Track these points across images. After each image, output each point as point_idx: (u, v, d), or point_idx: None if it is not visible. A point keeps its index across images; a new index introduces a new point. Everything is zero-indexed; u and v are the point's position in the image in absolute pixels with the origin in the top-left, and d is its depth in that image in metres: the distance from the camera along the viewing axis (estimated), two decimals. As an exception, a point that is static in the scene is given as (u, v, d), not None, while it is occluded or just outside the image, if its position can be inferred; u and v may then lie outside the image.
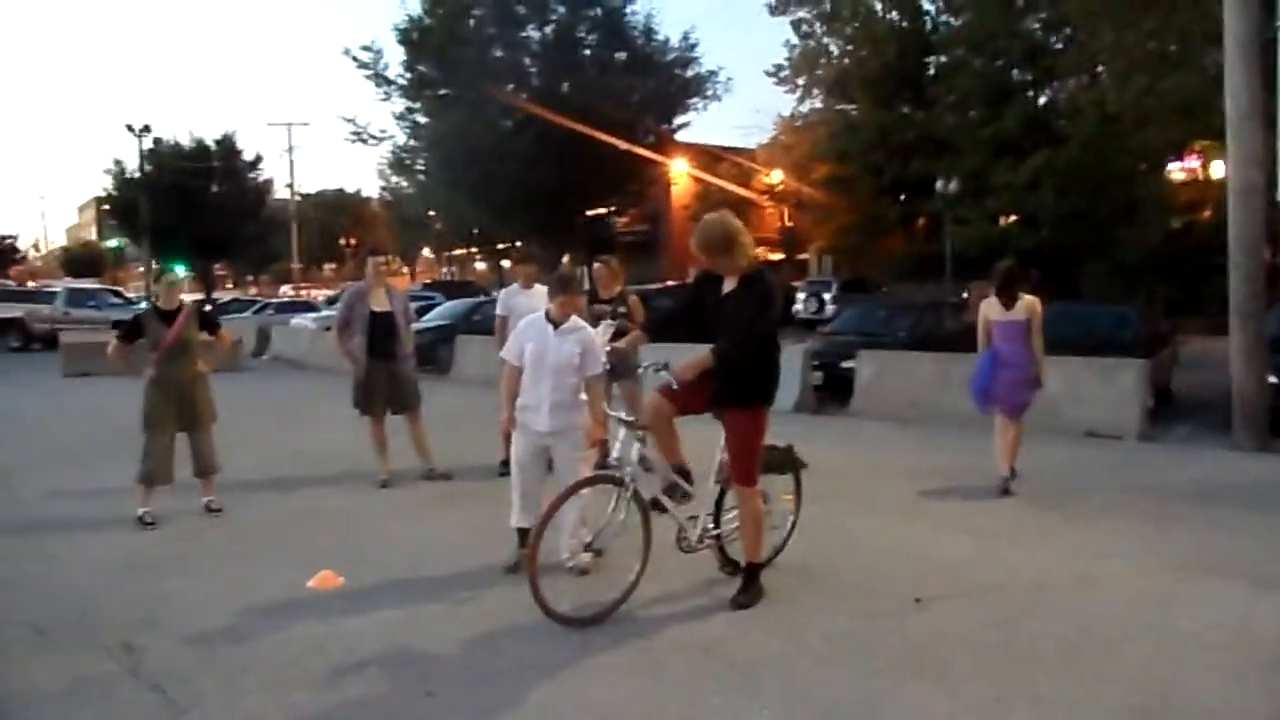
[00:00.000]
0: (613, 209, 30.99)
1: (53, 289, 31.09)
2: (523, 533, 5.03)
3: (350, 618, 4.45)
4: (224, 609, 4.58)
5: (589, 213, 27.81)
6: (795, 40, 33.89)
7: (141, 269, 44.21)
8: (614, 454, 4.72)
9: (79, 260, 67.18)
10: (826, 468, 7.91)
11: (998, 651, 3.97)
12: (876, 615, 4.42)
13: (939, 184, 26.66)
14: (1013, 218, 27.61)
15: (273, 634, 4.27)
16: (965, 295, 21.80)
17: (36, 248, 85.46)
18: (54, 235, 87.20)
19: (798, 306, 28.16)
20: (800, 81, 34.54)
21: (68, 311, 24.58)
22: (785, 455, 7.90)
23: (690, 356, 4.41)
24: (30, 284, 43.33)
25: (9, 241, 79.69)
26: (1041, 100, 29.31)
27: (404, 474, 7.52)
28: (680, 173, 32.55)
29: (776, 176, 37.63)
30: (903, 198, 31.67)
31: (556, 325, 5.03)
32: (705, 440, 4.87)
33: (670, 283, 22.10)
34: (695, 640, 4.14)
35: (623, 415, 4.67)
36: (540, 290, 7.38)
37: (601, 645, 4.10)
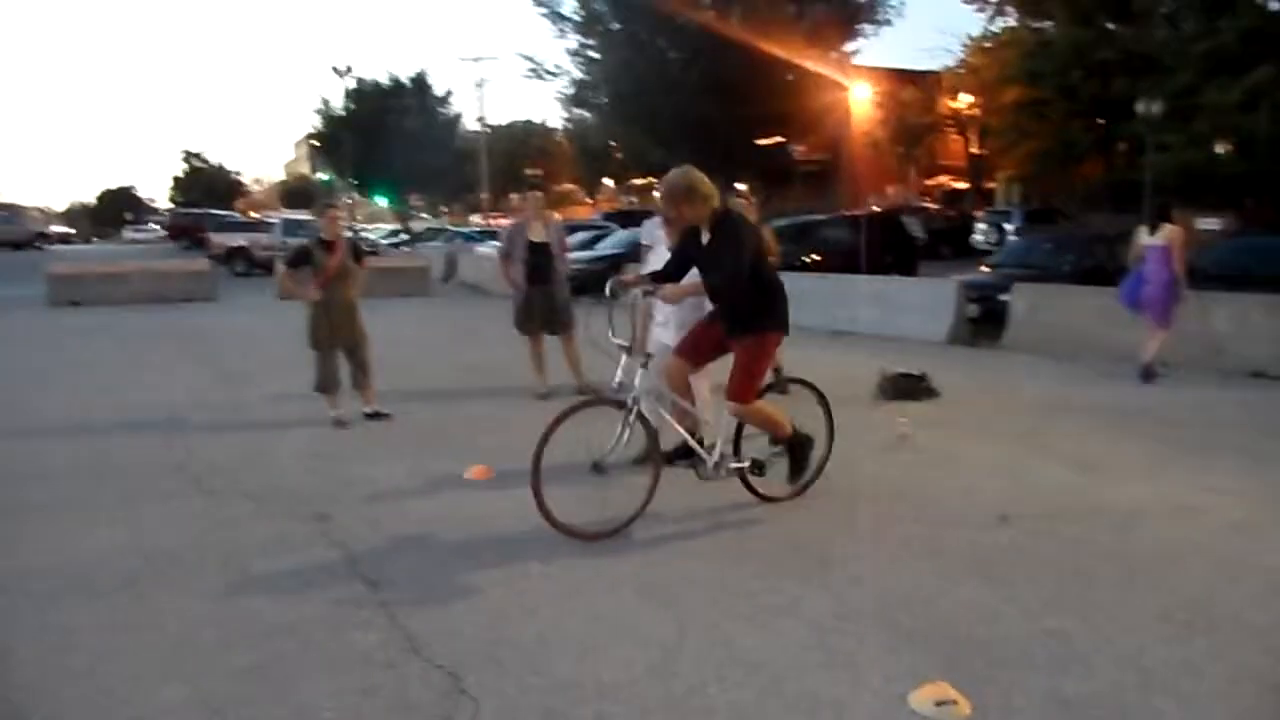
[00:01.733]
0: (786, 139, 30.77)
1: (271, 219, 34.24)
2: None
3: (495, 500, 5.25)
4: (393, 490, 5.51)
5: (761, 142, 27.80)
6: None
7: (349, 200, 47.58)
8: (617, 378, 4.95)
9: (295, 193, 72.87)
10: (959, 396, 8.16)
11: (1063, 565, 4.26)
12: (958, 527, 4.78)
13: (1140, 106, 24.83)
14: (1223, 143, 25.44)
15: (430, 508, 5.13)
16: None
17: (259, 182, 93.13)
18: (275, 170, 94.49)
19: (977, 237, 27.24)
20: None
21: (284, 240, 27.14)
22: (917, 383, 8.18)
23: (678, 285, 4.84)
24: (253, 215, 47.69)
25: (235, 176, 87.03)
26: (1275, 5, 26.44)
27: (561, 389, 8.31)
28: (858, 99, 31.81)
29: (963, 100, 36.04)
30: (1099, 121, 29.74)
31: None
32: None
33: (846, 213, 21.96)
34: (777, 533, 4.68)
35: (622, 342, 4.73)
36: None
37: (698, 531, 4.70)
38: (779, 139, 30.00)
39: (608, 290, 4.76)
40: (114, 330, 13.98)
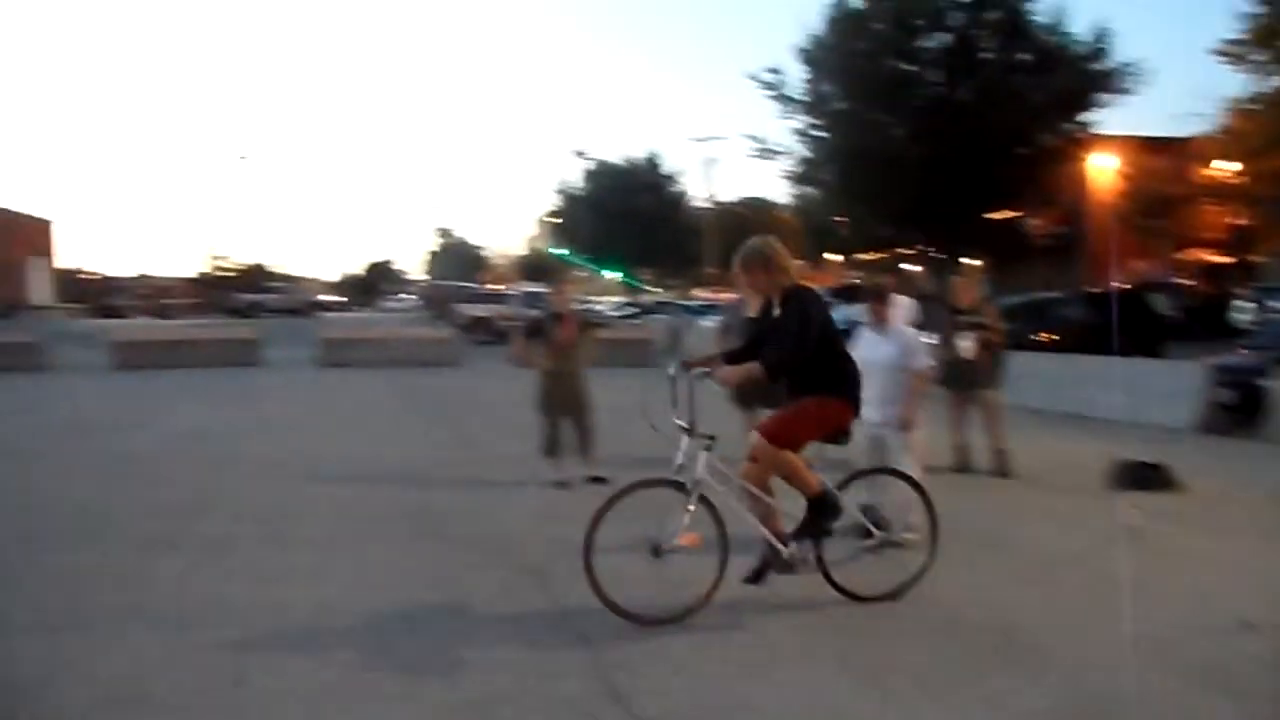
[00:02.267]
0: (1021, 213, 29.58)
1: (511, 292, 36.68)
2: (864, 507, 5.81)
3: (704, 566, 5.40)
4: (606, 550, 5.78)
5: (993, 216, 26.88)
6: (1254, 9, 29.70)
7: (581, 274, 50.20)
8: (677, 460, 4.61)
9: (534, 266, 77.56)
10: (1201, 489, 7.55)
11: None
12: (1192, 632, 4.44)
13: None
14: None
15: (640, 571, 5.35)
16: None
17: (502, 256, 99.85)
18: (517, 245, 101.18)
19: (1235, 315, 24.83)
20: (1259, 57, 30.17)
21: (523, 310, 28.97)
22: (1153, 472, 7.66)
23: (736, 367, 4.63)
24: (494, 287, 51.24)
25: (480, 250, 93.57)
26: None
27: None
28: (1100, 169, 30.10)
29: (1223, 166, 33.21)
30: (1395, 188, 26.50)
31: (876, 329, 5.78)
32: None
33: (1084, 290, 20.73)
34: (989, 619, 4.53)
35: (682, 423, 4.60)
36: (897, 300, 7.91)
37: (905, 613, 4.64)
38: (1012, 213, 28.91)
39: (671, 370, 4.71)
40: (373, 390, 15.44)
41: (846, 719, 3.54)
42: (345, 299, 76.83)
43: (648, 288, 66.64)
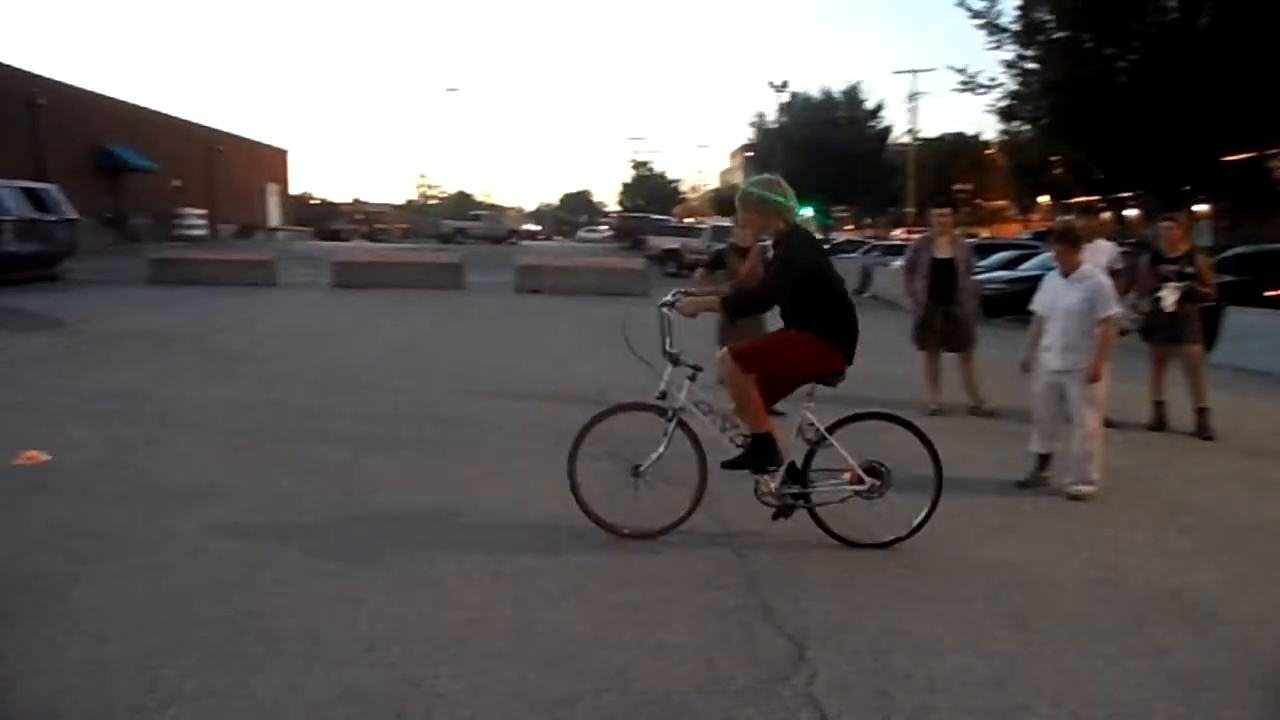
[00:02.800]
0: (1267, 154, 26.64)
1: (702, 225, 36.85)
2: (1040, 457, 5.86)
3: (869, 505, 5.50)
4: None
5: (1232, 158, 24.36)
6: None
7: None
8: (661, 385, 4.79)
9: (726, 200, 77.20)
10: None
11: None
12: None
13: None
14: None
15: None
16: None
17: (695, 190, 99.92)
18: (712, 179, 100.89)
19: None
20: None
21: (710, 245, 29.12)
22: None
23: (695, 298, 4.72)
24: (686, 220, 51.51)
25: (675, 184, 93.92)
26: None
27: (954, 407, 8.28)
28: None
29: None
30: None
31: (1065, 275, 5.58)
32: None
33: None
34: (1155, 575, 4.40)
35: (671, 350, 4.73)
36: (1098, 245, 7.54)
37: (1070, 565, 4.59)
38: (1256, 154, 26.09)
39: (664, 302, 4.77)
40: (566, 315, 16.15)
41: (990, 652, 3.59)
42: (540, 228, 79.37)
43: (842, 226, 65.06)
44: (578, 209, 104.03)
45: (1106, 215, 31.75)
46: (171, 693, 3.16)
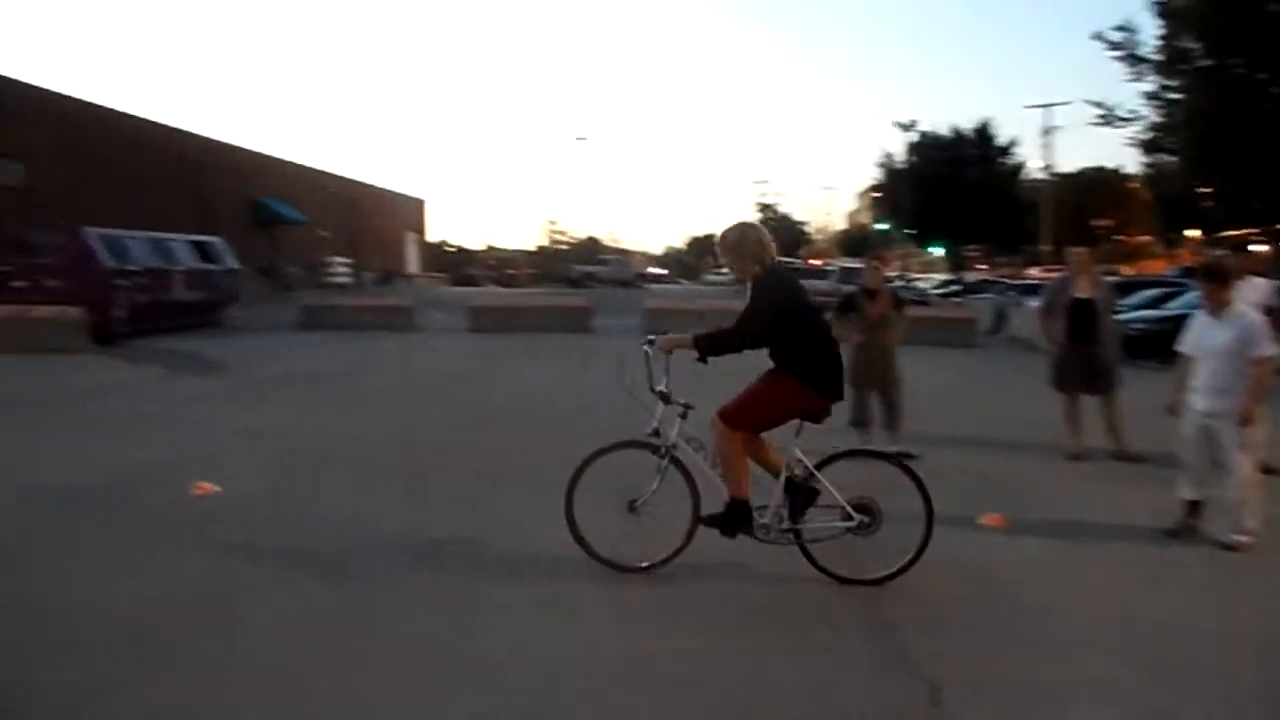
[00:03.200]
0: None
1: (830, 267, 36.55)
2: (1190, 504, 5.61)
3: (1005, 546, 5.41)
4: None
5: None
6: None
7: (901, 251, 48.74)
8: (653, 424, 4.94)
9: (853, 241, 76.35)
10: None
11: None
12: None
13: None
14: None
15: (939, 547, 5.43)
16: None
17: (821, 231, 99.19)
18: (838, 220, 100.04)
19: None
20: None
21: (839, 287, 28.86)
22: None
23: (670, 336, 4.87)
24: (813, 263, 51.19)
25: (800, 226, 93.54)
26: None
27: (1096, 452, 7.98)
28: None
29: None
30: None
31: (1214, 313, 5.37)
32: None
33: None
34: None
35: (661, 389, 4.90)
36: (1252, 282, 7.21)
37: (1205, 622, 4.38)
38: None
39: (646, 343, 4.95)
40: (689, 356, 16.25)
41: (1132, 707, 3.48)
42: (666, 271, 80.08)
43: (974, 265, 63.35)
44: (703, 252, 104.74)
45: (1263, 249, 29.89)
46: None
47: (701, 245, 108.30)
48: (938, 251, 58.50)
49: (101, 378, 13.05)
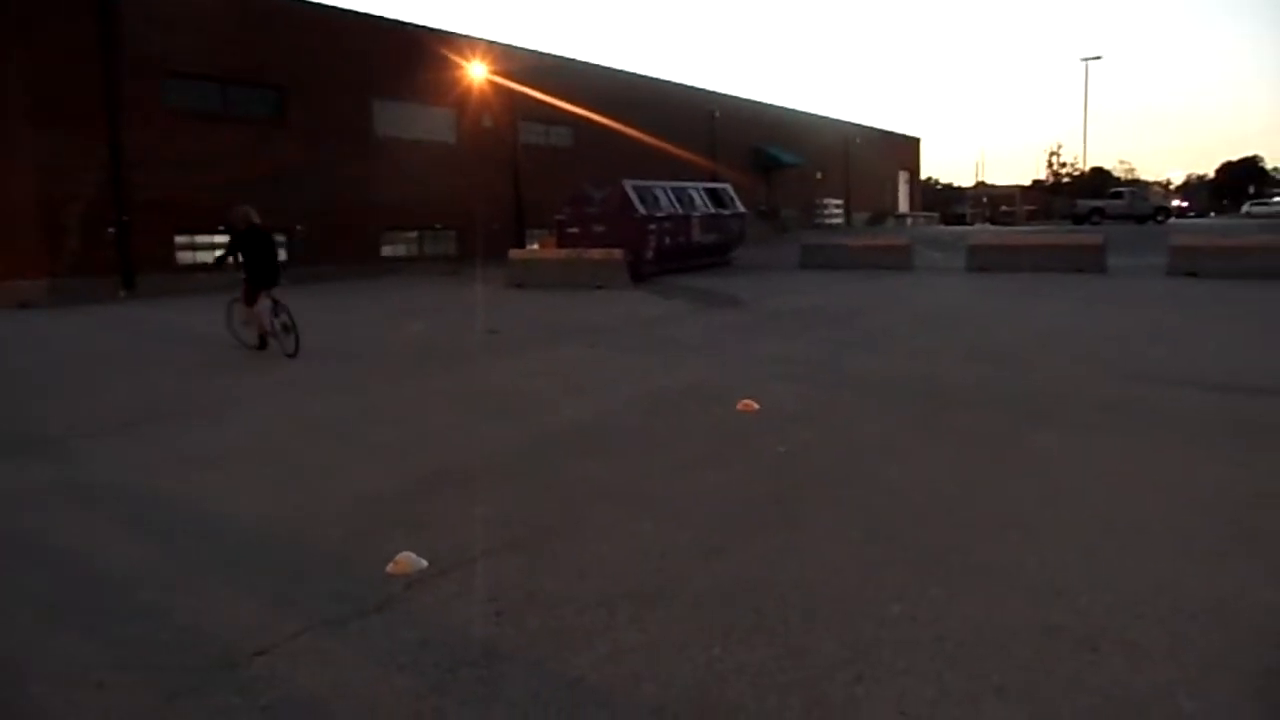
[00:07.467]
0: None
1: None
2: None
3: None
4: None
5: None
6: None
7: None
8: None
9: None
10: None
11: None
12: None
13: None
14: None
15: None
16: None
17: None
18: None
19: None
20: None
21: None
22: None
23: None
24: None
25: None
26: None
27: None
28: None
29: None
30: None
31: None
32: None
33: None
34: None
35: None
36: None
37: None
38: None
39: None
40: (1228, 302, 14.35)
41: None
42: (1187, 204, 69.79)
43: None
44: (1241, 178, 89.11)
45: None
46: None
47: (1238, 170, 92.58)
48: None
49: (643, 310, 15.18)
